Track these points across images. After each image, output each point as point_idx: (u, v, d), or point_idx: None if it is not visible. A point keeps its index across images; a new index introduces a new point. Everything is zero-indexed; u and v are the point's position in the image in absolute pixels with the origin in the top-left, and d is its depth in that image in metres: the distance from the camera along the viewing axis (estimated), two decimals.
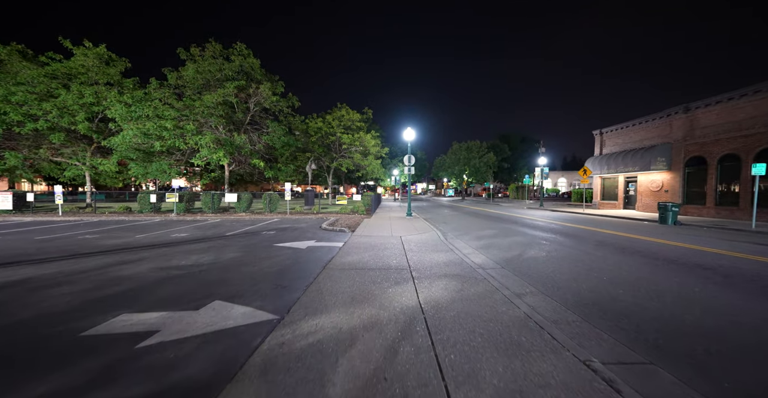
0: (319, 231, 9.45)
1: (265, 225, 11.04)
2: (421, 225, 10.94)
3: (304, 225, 11.08)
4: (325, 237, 8.22)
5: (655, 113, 16.49)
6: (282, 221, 12.60)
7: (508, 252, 6.58)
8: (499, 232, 9.66)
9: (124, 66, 16.50)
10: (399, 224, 11.19)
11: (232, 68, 16.61)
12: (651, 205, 16.70)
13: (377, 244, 7.03)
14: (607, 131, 20.39)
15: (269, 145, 19.53)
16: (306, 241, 7.42)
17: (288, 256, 5.80)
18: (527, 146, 58.54)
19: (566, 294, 3.92)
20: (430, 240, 7.95)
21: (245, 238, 8.04)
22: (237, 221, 12.23)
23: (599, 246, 7.13)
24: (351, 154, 23.55)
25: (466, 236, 8.88)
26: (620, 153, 18.40)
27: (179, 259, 5.49)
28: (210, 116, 14.87)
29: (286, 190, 14.93)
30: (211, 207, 14.83)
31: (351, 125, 23.50)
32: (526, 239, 8.16)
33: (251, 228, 10.18)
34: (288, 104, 19.53)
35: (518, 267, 5.31)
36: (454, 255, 6.16)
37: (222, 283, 4.01)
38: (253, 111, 18.74)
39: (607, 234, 9.10)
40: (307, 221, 12.70)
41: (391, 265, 5.08)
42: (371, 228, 9.81)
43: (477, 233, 9.58)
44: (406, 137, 14.29)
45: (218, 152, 14.37)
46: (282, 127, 18.16)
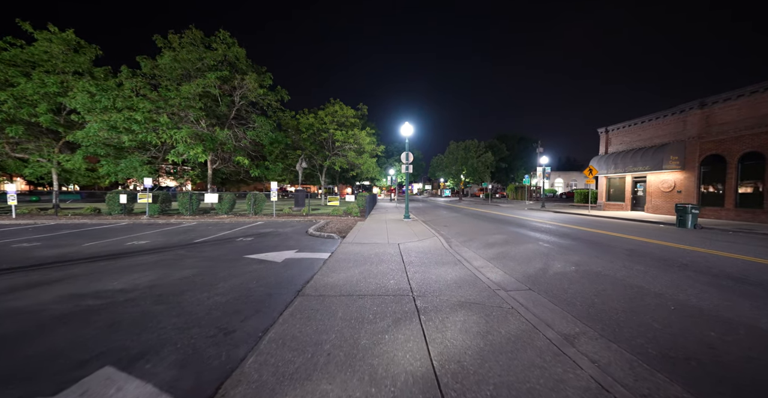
0: (304, 237, 8.21)
1: (245, 229, 9.76)
2: (420, 229, 9.77)
3: (288, 230, 9.82)
4: (309, 246, 6.98)
5: (666, 109, 15.58)
6: (266, 224, 11.32)
7: (527, 265, 5.44)
8: (509, 238, 8.54)
9: (94, 54, 15.03)
10: (396, 228, 10.01)
11: (215, 57, 15.24)
12: (662, 206, 15.79)
13: (371, 255, 5.83)
14: (613, 129, 19.49)
15: (256, 141, 18.18)
16: (285, 251, 6.18)
17: (256, 274, 4.56)
18: (524, 147, 57.91)
19: (636, 337, 2.77)
20: (433, 249, 6.79)
21: (214, 247, 6.77)
22: (214, 225, 10.91)
23: (632, 257, 6.03)
24: (345, 152, 22.30)
25: (472, 243, 7.73)
26: (628, 152, 17.48)
27: (110, 280, 4.22)
28: (188, 108, 13.50)
29: (272, 190, 13.64)
30: (189, 209, 13.47)
31: (345, 121, 22.25)
32: (542, 248, 7.04)
33: (227, 233, 8.90)
34: (277, 98, 18.22)
35: (548, 288, 4.17)
36: (465, 270, 5.00)
37: (139, 325, 2.76)
38: (239, 105, 17.37)
39: (631, 241, 8.03)
40: (293, 224, 11.44)
41: (388, 288, 3.89)
42: (365, 233, 8.61)
43: (484, 239, 8.44)
44: (404, 132, 13.13)
45: (196, 148, 13.01)
46: (270, 122, 16.84)
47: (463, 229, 10.65)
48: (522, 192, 37.87)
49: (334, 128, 21.31)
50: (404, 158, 13.16)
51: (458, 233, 9.55)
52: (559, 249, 6.83)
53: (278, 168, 18.12)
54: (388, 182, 39.95)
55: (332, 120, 21.72)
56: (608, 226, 11.45)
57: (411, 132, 13.19)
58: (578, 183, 65.70)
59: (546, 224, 12.09)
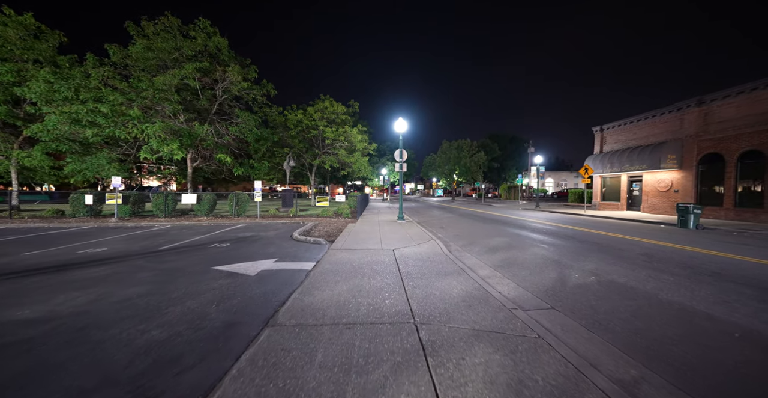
0: (287, 243, 7.35)
1: (223, 234, 8.82)
2: (416, 232, 9.04)
3: (272, 233, 8.93)
4: (292, 253, 6.14)
5: (663, 106, 15.36)
6: (247, 227, 10.38)
7: (540, 275, 4.76)
8: (512, 241, 7.90)
9: (58, 41, 13.70)
10: (390, 230, 9.26)
11: (193, 47, 14.14)
12: (659, 206, 15.56)
13: (362, 264, 5.05)
14: (608, 128, 19.26)
15: (240, 138, 17.13)
16: (262, 261, 5.32)
17: (220, 293, 3.71)
18: (516, 146, 58.07)
19: (721, 386, 2.09)
20: (432, 255, 6.06)
21: (180, 255, 5.85)
22: (189, 229, 9.91)
23: (652, 263, 5.44)
24: (335, 150, 21.40)
25: (473, 248, 7.05)
26: (624, 151, 17.23)
27: (27, 303, 3.31)
28: (164, 101, 12.40)
29: (256, 189, 12.68)
30: (164, 211, 12.37)
31: (335, 118, 21.35)
32: (550, 252, 6.40)
33: (201, 238, 7.95)
34: (262, 92, 17.20)
35: (573, 306, 3.49)
36: (471, 282, 4.29)
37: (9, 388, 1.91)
38: (221, 99, 16.28)
39: (641, 243, 7.50)
40: (278, 227, 10.54)
41: (384, 311, 3.12)
42: (356, 237, 7.81)
43: (485, 242, 7.77)
44: (398, 128, 12.39)
45: (172, 144, 11.92)
46: (255, 118, 15.83)
47: (460, 231, 9.98)
48: (515, 192, 37.73)
49: (324, 125, 20.38)
50: (398, 156, 12.43)
51: (456, 236, 8.87)
52: (568, 254, 6.20)
53: (264, 167, 17.10)
54: (380, 181, 39.22)
55: (322, 117, 20.78)
56: (610, 227, 10.99)
57: (405, 128, 12.47)
58: (568, 183, 66.54)
59: (546, 225, 11.55)
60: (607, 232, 9.59)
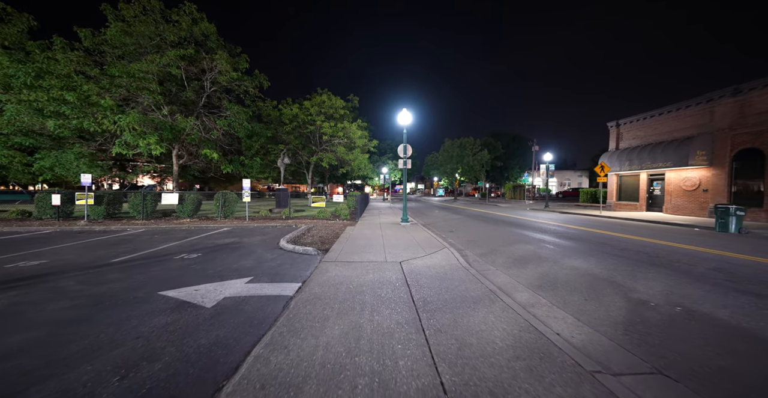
0: (271, 253, 6.11)
1: (200, 239, 7.57)
2: (423, 237, 7.80)
3: (257, 239, 7.69)
4: (273, 268, 4.89)
5: (689, 99, 14.10)
6: (231, 231, 9.14)
7: (599, 302, 3.52)
8: (538, 249, 6.66)
9: (27, 24, 12.43)
10: (394, 235, 8.01)
11: (177, 33, 12.88)
12: (684, 207, 14.31)
13: (362, 286, 3.82)
14: (625, 123, 18.01)
15: (231, 134, 15.87)
16: (231, 282, 4.07)
17: (144, 346, 2.46)
18: (519, 145, 56.84)
19: None
20: (449, 269, 4.83)
21: (129, 272, 4.61)
22: (164, 233, 8.67)
23: (741, 283, 4.20)
24: (333, 147, 20.13)
25: (496, 258, 5.81)
26: (644, 147, 15.98)
27: None
28: (142, 90, 11.14)
29: (245, 188, 11.43)
30: (142, 212, 11.12)
31: (333, 113, 20.07)
32: (593, 265, 5.16)
33: (172, 246, 6.71)
34: (254, 84, 15.94)
35: (691, 367, 2.24)
36: (513, 315, 3.07)
37: None
38: (210, 91, 15.02)
39: (694, 253, 6.25)
40: (266, 231, 9.30)
41: (398, 389, 1.88)
42: (355, 245, 6.57)
43: (507, 250, 6.54)
44: (402, 120, 11.16)
45: (148, 138, 10.67)
46: (246, 111, 14.57)
47: (473, 235, 8.74)
48: (520, 191, 36.49)
49: (322, 120, 19.11)
50: (401, 152, 11.20)
51: (471, 242, 7.63)
52: (618, 269, 4.95)
53: (256, 164, 15.85)
54: (381, 180, 37.96)
55: (319, 111, 19.51)
56: (639, 230, 9.75)
57: (409, 120, 11.24)
58: (572, 182, 65.39)
59: (567, 228, 10.31)
60: (642, 237, 8.35)
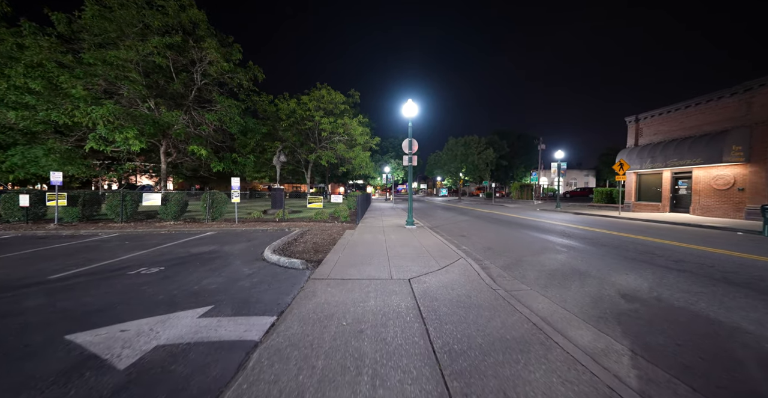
0: (250, 266, 5.03)
1: (173, 247, 6.53)
2: (433, 243, 6.70)
3: (239, 247, 6.62)
4: (245, 290, 3.81)
5: (722, 89, 12.88)
6: (214, 236, 8.09)
7: (713, 353, 2.40)
8: (572, 259, 5.53)
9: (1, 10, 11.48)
10: (399, 241, 6.91)
11: (162, 19, 11.86)
12: (714, 207, 13.09)
13: (360, 321, 2.73)
14: (645, 117, 16.78)
15: (223, 129, 14.87)
16: (182, 314, 2.99)
17: None
18: (524, 144, 55.52)
19: None
20: (473, 292, 3.73)
21: (60, 294, 3.55)
22: (137, 239, 7.64)
23: None
24: (333, 144, 19.07)
25: (526, 272, 4.70)
26: (669, 143, 14.76)
27: None
28: (122, 80, 10.14)
29: (233, 188, 10.39)
30: (121, 214, 10.11)
31: (333, 108, 19.01)
32: (655, 283, 4.03)
33: (135, 256, 5.66)
34: (248, 77, 14.93)
35: None
36: (590, 379, 1.95)
37: None
38: (200, 84, 14.03)
39: (762, 263, 5.12)
40: (254, 236, 8.24)
41: None
42: (353, 254, 5.48)
43: (534, 261, 5.43)
44: (407, 112, 10.07)
45: (126, 132, 9.66)
46: (238, 105, 13.55)
47: (489, 241, 7.62)
48: (527, 191, 35.26)
49: (321, 115, 18.05)
50: (407, 148, 10.12)
51: (488, 249, 6.52)
52: (693, 290, 3.82)
53: (250, 162, 14.82)
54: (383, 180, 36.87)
55: (318, 106, 18.45)
56: (676, 234, 8.57)
57: (415, 112, 10.14)
58: (578, 182, 63.92)
59: (593, 232, 9.16)
60: (684, 243, 7.18)
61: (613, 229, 9.90)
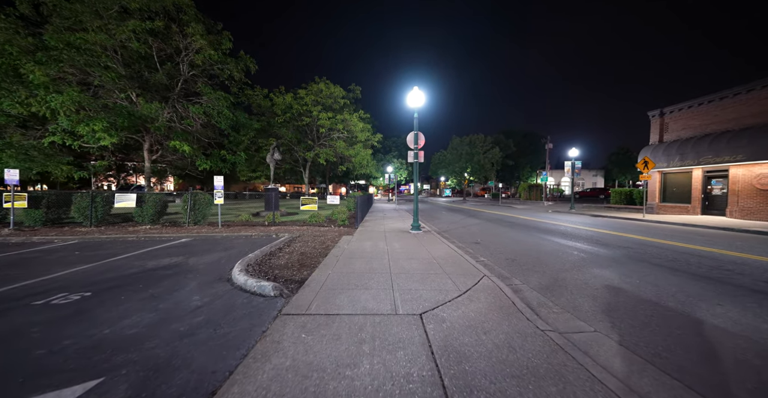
0: (205, 291, 3.79)
1: (128, 260, 5.33)
2: (444, 253, 5.42)
3: (208, 259, 5.41)
4: (174, 340, 2.57)
5: (766, 77, 11.47)
6: (187, 245, 6.89)
7: None
8: (628, 278, 4.24)
9: None
10: (404, 250, 5.65)
11: (141, 1, 10.72)
12: (757, 210, 11.68)
13: None
14: (672, 111, 15.37)
15: (212, 124, 13.73)
16: None
17: None
18: (530, 143, 54.01)
19: None
20: (514, 335, 2.45)
21: None
22: (95, 248, 6.46)
23: None
24: (332, 141, 17.88)
25: (574, 299, 3.42)
26: (701, 138, 13.37)
27: None
28: (91, 66, 9.02)
29: (216, 187, 9.22)
30: (90, 217, 8.97)
31: (332, 103, 17.82)
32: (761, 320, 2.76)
33: (74, 271, 4.48)
34: (240, 68, 13.79)
35: None
36: None
37: None
38: (187, 75, 12.92)
39: None
40: (233, 244, 7.03)
41: None
42: (348, 270, 4.23)
43: (578, 280, 4.15)
44: (412, 102, 8.86)
45: (93, 124, 8.52)
46: (227, 97, 12.40)
47: (510, 250, 6.33)
48: (536, 192, 33.83)
49: (319, 110, 16.86)
50: (412, 142, 8.91)
51: (513, 262, 5.25)
52: None
53: (240, 160, 13.67)
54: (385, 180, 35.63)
55: (316, 101, 17.27)
56: (728, 241, 7.20)
57: (422, 102, 8.92)
58: (586, 182, 62.32)
59: (628, 238, 7.82)
60: (749, 254, 5.85)
61: (649, 235, 8.57)
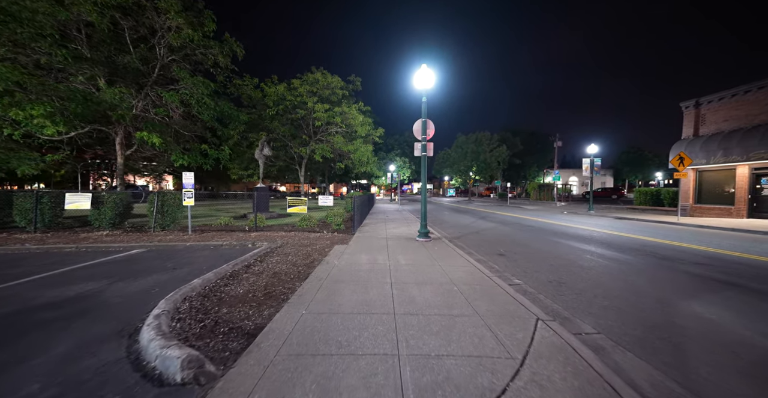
0: (93, 359, 2.28)
1: (38, 282, 3.81)
2: (466, 275, 3.82)
3: (139, 286, 3.89)
4: None
5: None
6: (133, 259, 5.38)
7: None
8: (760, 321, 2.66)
9: None
10: (412, 272, 4.07)
11: None
12: None
13: None
14: (710, 101, 13.69)
15: (195, 116, 12.26)
16: None
17: None
18: (537, 141, 52.21)
19: None
20: None
21: None
22: (19, 262, 4.96)
23: None
24: (329, 136, 16.36)
25: (711, 372, 1.84)
26: (750, 131, 11.70)
27: None
28: (35, 41, 7.55)
29: (185, 185, 7.72)
30: (34, 221, 7.50)
31: (330, 95, 16.28)
32: None
33: None
34: (225, 52, 12.30)
35: None
36: None
37: None
38: (166, 60, 11.47)
39: None
40: (192, 259, 5.51)
41: None
42: (328, 309, 2.60)
43: (676, 323, 2.56)
44: (420, 83, 7.33)
45: (32, 109, 7.05)
46: (206, 83, 10.90)
47: (549, 267, 4.74)
48: (547, 191, 32.12)
49: (314, 101, 15.34)
50: (419, 131, 7.40)
51: (560, 286, 3.68)
52: None
53: (224, 155, 12.15)
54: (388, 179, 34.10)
55: (311, 91, 15.74)
56: None
57: (432, 83, 7.38)
58: (594, 182, 60.41)
59: (688, 248, 6.21)
60: None
61: (704, 243, 6.94)
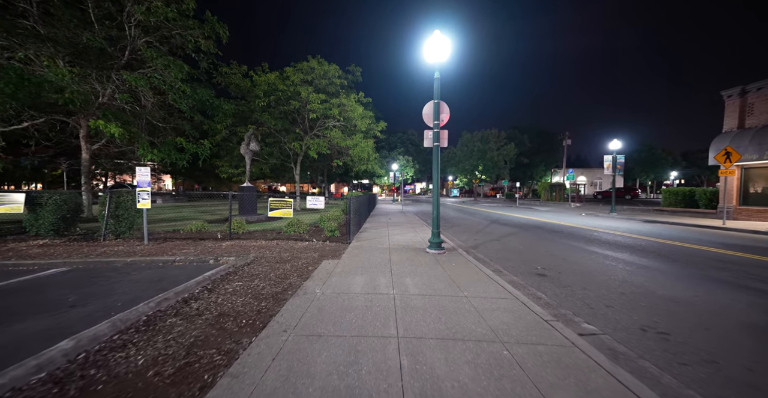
0: None
1: None
2: (514, 322, 2.22)
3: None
4: None
5: None
6: (39, 284, 3.88)
7: None
8: None
9: None
10: (426, 307, 2.42)
11: None
12: None
13: None
14: (760, 88, 11.99)
15: (171, 106, 10.79)
16: None
17: None
18: (545, 140, 50.39)
19: None
20: None
21: None
22: None
23: None
24: (326, 130, 14.82)
25: None
26: None
27: None
28: None
29: (139, 185, 6.23)
30: None
31: (327, 85, 14.75)
32: None
33: None
34: (207, 34, 10.83)
35: None
36: None
37: None
38: (140, 42, 10.03)
39: None
40: (117, 286, 3.97)
41: None
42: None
43: None
44: (432, 55, 5.75)
45: None
46: (179, 65, 9.43)
47: (619, 296, 3.12)
48: (559, 192, 30.37)
49: (309, 91, 13.80)
50: (431, 116, 5.83)
51: (667, 340, 2.07)
52: None
53: (204, 149, 10.66)
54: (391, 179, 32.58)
55: (305, 80, 14.20)
56: None
57: (447, 55, 5.80)
58: (603, 182, 58.45)
59: None
60: None
61: None
